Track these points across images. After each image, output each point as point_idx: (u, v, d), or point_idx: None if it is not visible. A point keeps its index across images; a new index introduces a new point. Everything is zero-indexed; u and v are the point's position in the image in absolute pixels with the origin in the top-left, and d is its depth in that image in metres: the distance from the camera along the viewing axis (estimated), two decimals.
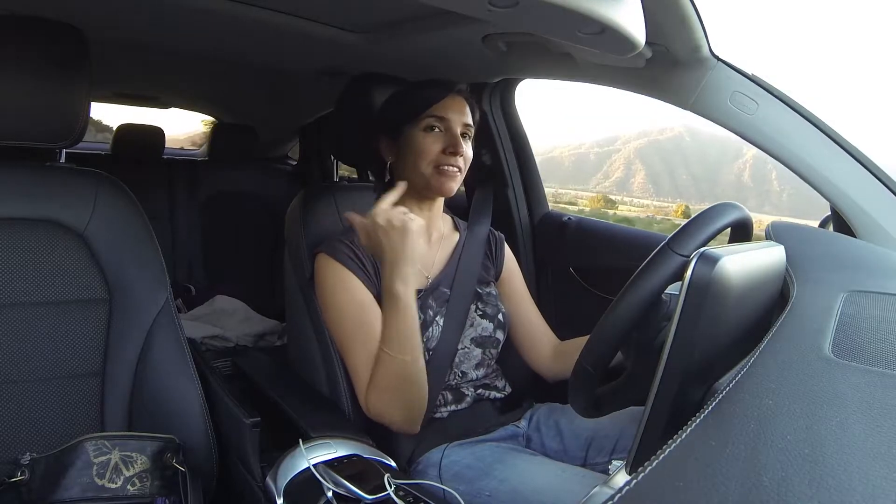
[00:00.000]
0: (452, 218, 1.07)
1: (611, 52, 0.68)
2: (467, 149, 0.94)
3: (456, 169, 0.91)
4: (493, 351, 0.97)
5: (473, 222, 1.09)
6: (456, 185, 0.92)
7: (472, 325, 0.95)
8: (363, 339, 0.85)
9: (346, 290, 0.88)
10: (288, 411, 0.89)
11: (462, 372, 0.93)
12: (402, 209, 0.82)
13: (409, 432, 0.86)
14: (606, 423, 0.88)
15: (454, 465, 0.85)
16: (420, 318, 0.90)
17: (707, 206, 0.68)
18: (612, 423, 0.88)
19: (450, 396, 0.92)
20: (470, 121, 0.95)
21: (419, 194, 0.95)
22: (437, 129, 0.91)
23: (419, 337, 0.82)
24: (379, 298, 0.87)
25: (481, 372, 0.95)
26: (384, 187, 0.95)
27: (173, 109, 2.55)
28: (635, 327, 0.61)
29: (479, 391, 0.95)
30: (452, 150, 0.90)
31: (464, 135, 0.93)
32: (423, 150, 0.91)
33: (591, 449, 0.90)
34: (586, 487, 0.60)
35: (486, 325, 0.96)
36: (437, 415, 0.91)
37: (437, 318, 0.92)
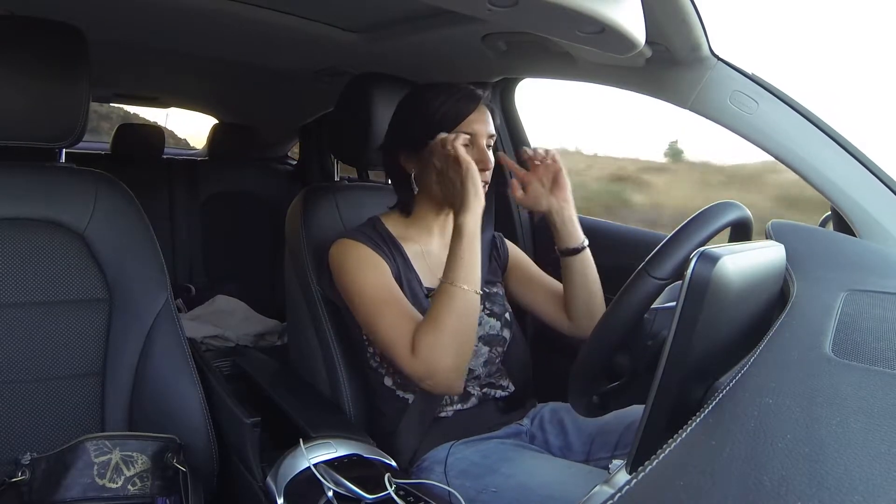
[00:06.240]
0: None
1: (611, 51, 0.68)
2: (492, 159, 0.92)
3: (485, 183, 0.88)
4: (500, 349, 0.98)
5: None
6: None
7: (479, 325, 0.95)
8: (393, 305, 0.85)
9: (371, 265, 0.88)
10: (288, 411, 0.89)
11: (469, 369, 0.93)
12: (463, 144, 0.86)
13: (449, 390, 0.84)
14: (611, 419, 0.88)
15: (460, 463, 0.85)
16: None
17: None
18: (616, 419, 0.89)
19: (455, 396, 0.92)
20: (493, 130, 0.93)
21: (439, 204, 0.94)
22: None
23: (480, 271, 0.82)
24: (398, 279, 0.89)
25: (488, 369, 0.96)
26: (409, 199, 0.96)
27: None
28: (618, 350, 0.62)
29: (485, 390, 0.95)
30: (483, 166, 0.88)
31: (487, 146, 0.92)
32: None
33: (594, 444, 0.91)
34: (591, 482, 0.60)
35: (494, 324, 0.97)
36: (443, 414, 0.91)
37: None
